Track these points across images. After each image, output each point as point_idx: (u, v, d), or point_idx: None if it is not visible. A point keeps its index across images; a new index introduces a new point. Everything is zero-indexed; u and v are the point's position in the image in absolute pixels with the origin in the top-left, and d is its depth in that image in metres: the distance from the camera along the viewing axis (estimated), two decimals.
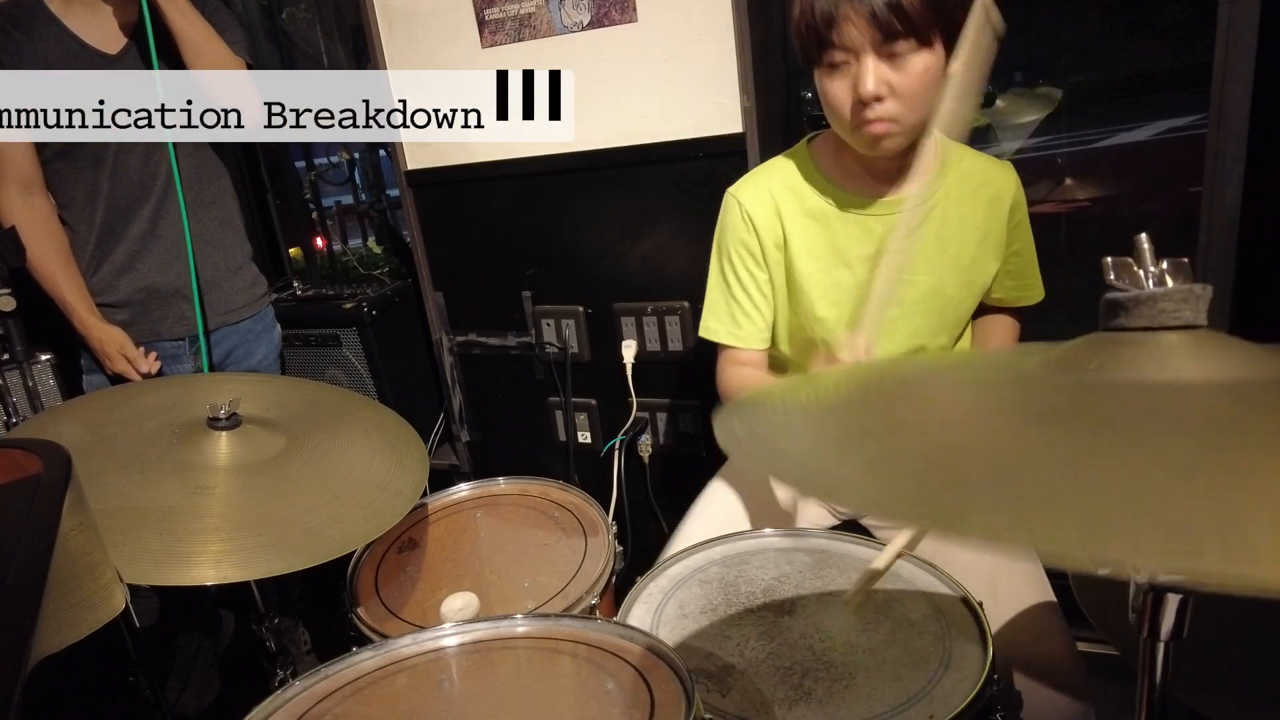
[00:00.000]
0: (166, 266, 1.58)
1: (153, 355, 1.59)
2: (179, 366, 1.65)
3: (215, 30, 1.53)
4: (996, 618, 1.06)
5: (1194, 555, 0.35)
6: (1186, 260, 0.56)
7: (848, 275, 1.18)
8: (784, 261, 1.21)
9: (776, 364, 1.35)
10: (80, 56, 1.44)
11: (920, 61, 1.00)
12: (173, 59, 1.48)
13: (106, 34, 1.48)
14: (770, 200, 1.19)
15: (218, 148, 1.67)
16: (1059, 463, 0.46)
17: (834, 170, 1.19)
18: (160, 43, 1.45)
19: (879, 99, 1.01)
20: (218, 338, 1.67)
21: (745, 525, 1.27)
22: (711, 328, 1.27)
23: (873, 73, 1.00)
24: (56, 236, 1.54)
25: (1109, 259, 0.58)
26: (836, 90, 1.05)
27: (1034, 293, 1.31)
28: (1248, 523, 0.37)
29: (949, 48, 1.01)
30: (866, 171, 1.16)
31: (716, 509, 1.33)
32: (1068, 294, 1.34)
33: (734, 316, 1.24)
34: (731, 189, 1.24)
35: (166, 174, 1.56)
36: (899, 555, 1.01)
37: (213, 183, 1.64)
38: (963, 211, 1.18)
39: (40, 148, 1.50)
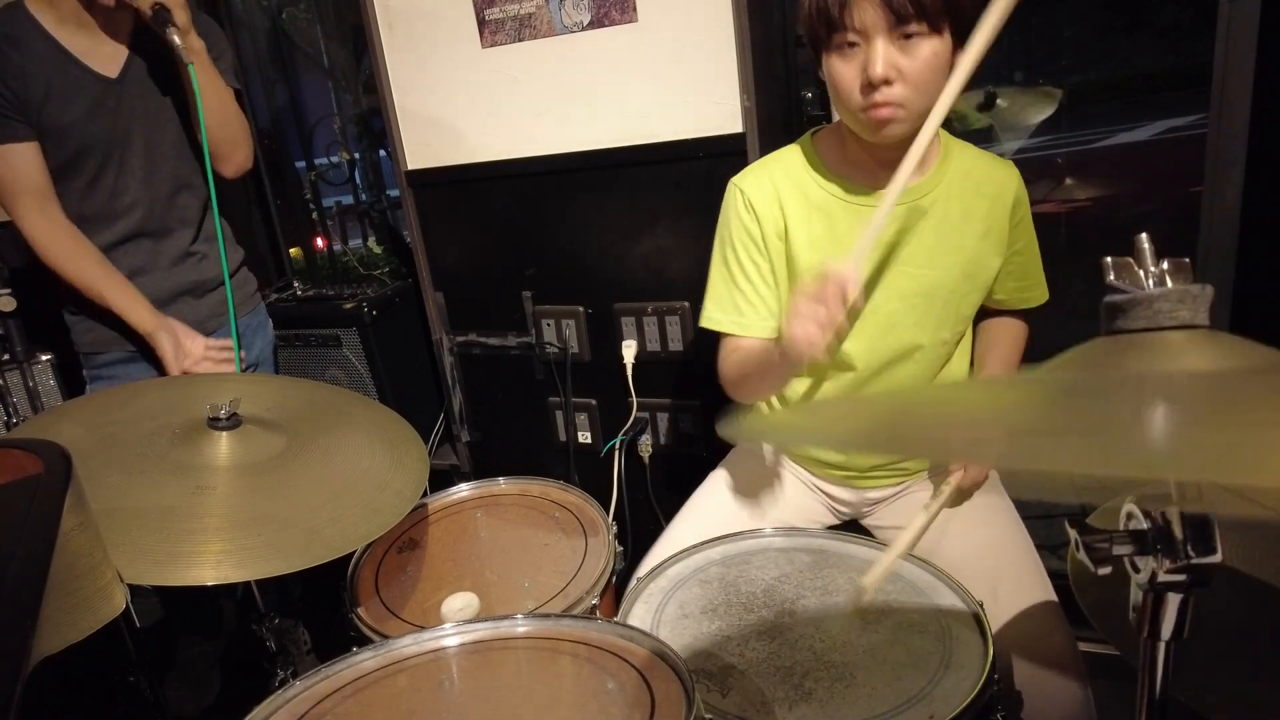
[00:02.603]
0: (169, 277, 1.57)
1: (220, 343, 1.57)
2: None
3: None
4: (996, 618, 1.06)
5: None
6: (1187, 260, 0.56)
7: None
8: (785, 250, 1.20)
9: None
10: (82, 80, 1.42)
11: (929, 47, 1.00)
12: (169, 83, 1.48)
13: (105, 57, 1.45)
14: (773, 190, 1.19)
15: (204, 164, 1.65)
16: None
17: (837, 162, 1.19)
18: (160, 70, 1.47)
19: (888, 82, 1.00)
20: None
21: (741, 521, 1.27)
22: (715, 317, 1.25)
23: (883, 55, 0.99)
24: (85, 243, 1.49)
25: (1109, 259, 0.58)
26: (845, 73, 1.04)
27: (1037, 293, 1.30)
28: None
29: (956, 37, 1.01)
30: (870, 162, 1.15)
31: (715, 503, 1.33)
32: (1069, 294, 1.34)
33: (737, 305, 1.22)
34: (735, 178, 1.23)
35: (167, 195, 1.54)
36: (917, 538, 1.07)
37: (200, 200, 1.63)
38: (965, 206, 1.17)
39: None
